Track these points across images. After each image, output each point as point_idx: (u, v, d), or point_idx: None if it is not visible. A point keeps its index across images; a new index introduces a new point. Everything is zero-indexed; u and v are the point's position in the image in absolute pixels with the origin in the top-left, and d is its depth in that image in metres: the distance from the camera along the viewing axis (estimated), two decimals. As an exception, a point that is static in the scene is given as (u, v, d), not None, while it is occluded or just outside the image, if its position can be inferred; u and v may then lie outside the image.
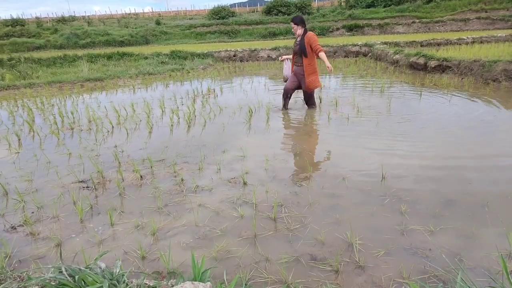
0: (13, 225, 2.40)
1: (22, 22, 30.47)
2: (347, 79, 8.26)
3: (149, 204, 2.65)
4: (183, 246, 2.12)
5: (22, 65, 12.00)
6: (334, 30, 25.26)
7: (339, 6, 30.58)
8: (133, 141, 4.21)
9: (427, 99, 5.71)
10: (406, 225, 2.21)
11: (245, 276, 1.81)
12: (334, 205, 2.52)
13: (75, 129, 4.83)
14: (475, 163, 3.12)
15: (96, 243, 2.17)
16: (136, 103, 6.10)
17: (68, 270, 1.37)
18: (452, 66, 7.89)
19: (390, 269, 1.83)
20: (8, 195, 2.87)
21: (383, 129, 4.22)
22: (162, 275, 1.81)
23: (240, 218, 2.39)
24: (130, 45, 24.20)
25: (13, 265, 1.97)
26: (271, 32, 25.87)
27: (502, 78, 6.53)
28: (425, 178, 2.86)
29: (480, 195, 2.54)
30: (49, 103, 6.67)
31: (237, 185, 2.90)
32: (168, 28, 28.40)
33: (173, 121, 5.01)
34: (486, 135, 3.88)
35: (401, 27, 24.43)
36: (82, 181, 3.09)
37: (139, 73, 10.10)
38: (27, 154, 3.88)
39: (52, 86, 8.80)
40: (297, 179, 2.96)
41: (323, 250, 2.01)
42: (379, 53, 11.62)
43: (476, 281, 1.60)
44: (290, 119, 4.95)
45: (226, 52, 14.02)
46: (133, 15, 38.04)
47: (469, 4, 25.82)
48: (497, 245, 1.93)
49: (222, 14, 31.34)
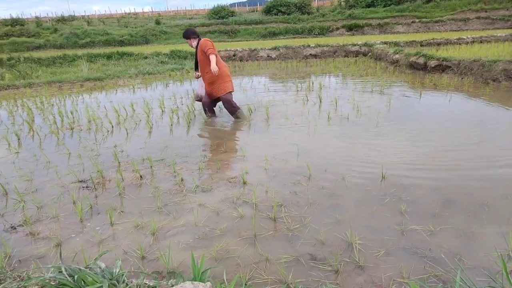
0: (13, 225, 2.40)
1: (22, 22, 30.42)
2: (347, 79, 8.26)
3: (148, 204, 2.65)
4: (183, 246, 2.11)
5: (21, 64, 12.00)
6: (334, 30, 25.25)
7: (339, 5, 30.55)
8: (133, 141, 4.20)
9: (427, 99, 5.71)
10: (406, 225, 2.21)
11: (245, 276, 1.81)
12: (334, 205, 2.52)
13: (75, 129, 4.82)
14: (475, 163, 3.12)
15: (96, 243, 2.17)
16: (135, 102, 6.10)
17: (68, 270, 1.37)
18: (452, 66, 7.89)
19: (390, 269, 1.83)
20: (8, 195, 2.87)
21: (383, 129, 4.21)
22: (162, 275, 1.81)
23: (240, 218, 2.39)
24: (130, 44, 24.18)
25: (13, 265, 1.97)
26: (271, 31, 25.85)
27: (502, 77, 6.53)
28: (425, 178, 2.86)
29: (480, 195, 2.54)
30: (49, 103, 6.66)
31: (237, 185, 2.90)
32: (168, 27, 28.37)
33: (173, 121, 5.01)
34: (486, 134, 3.88)
35: (401, 26, 24.43)
36: (81, 181, 3.09)
37: (138, 73, 10.10)
38: (26, 154, 3.88)
39: (51, 86, 8.79)
40: (297, 179, 2.96)
41: (323, 250, 2.01)
42: (379, 53, 11.62)
43: (476, 281, 1.60)
44: (290, 119, 4.95)
45: (225, 51, 14.00)
46: (133, 15, 37.99)
47: (469, 4, 25.83)
48: (497, 245, 1.93)
49: (222, 13, 31.30)
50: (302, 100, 5.92)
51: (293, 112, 5.26)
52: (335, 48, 13.67)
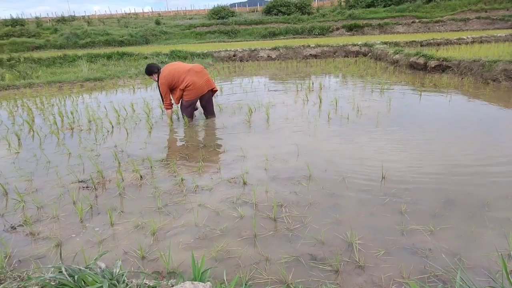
0: (13, 225, 2.40)
1: (22, 22, 30.43)
2: (347, 79, 8.26)
3: (149, 204, 2.65)
4: (183, 246, 2.11)
5: (21, 65, 11.99)
6: (334, 30, 25.25)
7: (339, 6, 30.55)
8: (133, 141, 4.20)
9: (427, 99, 5.71)
10: (406, 225, 2.21)
11: (245, 276, 1.81)
12: (334, 205, 2.52)
13: (75, 129, 4.82)
14: (475, 162, 3.12)
15: (96, 243, 2.17)
16: (136, 103, 6.10)
17: (68, 270, 1.37)
18: (452, 66, 7.89)
19: (390, 269, 1.83)
20: (8, 195, 2.87)
21: (383, 129, 4.21)
22: (162, 275, 1.81)
23: (240, 218, 2.39)
24: (130, 45, 24.18)
25: (13, 265, 1.97)
26: (271, 32, 25.84)
27: (502, 78, 6.53)
28: (425, 178, 2.86)
29: (480, 195, 2.54)
30: (49, 103, 6.67)
31: (237, 185, 2.90)
32: (168, 28, 28.38)
33: (172, 121, 5.01)
34: (486, 134, 3.88)
35: (401, 27, 24.42)
36: (82, 181, 3.09)
37: (139, 73, 10.09)
38: (27, 154, 3.88)
39: (51, 86, 8.80)
40: (297, 179, 2.96)
41: (323, 250, 2.01)
42: (379, 53, 11.62)
43: (476, 281, 1.60)
44: (290, 119, 4.95)
45: (226, 52, 14.00)
46: (133, 15, 38.01)
47: (469, 4, 25.83)
48: (497, 245, 1.93)
49: (222, 14, 31.31)
50: (302, 100, 5.92)
51: (293, 112, 5.26)
52: (335, 48, 13.67)
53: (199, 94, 4.81)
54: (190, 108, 4.94)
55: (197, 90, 4.74)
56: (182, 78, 4.65)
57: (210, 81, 4.93)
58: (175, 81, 4.66)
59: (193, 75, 4.70)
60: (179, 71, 4.67)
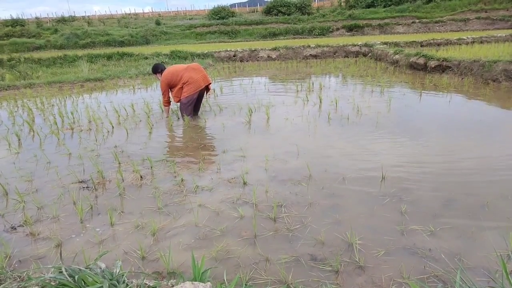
0: (13, 225, 2.40)
1: (22, 22, 30.48)
2: (347, 79, 8.26)
3: (149, 204, 2.65)
4: (183, 246, 2.12)
5: (22, 65, 12.01)
6: (334, 30, 25.29)
7: (339, 6, 30.59)
8: (133, 141, 4.21)
9: (427, 99, 5.71)
10: (406, 225, 2.21)
11: (245, 276, 1.81)
12: (334, 205, 2.52)
13: (75, 129, 4.83)
14: (475, 163, 3.12)
15: (96, 243, 2.17)
16: (136, 103, 6.10)
17: (68, 270, 1.37)
18: (452, 66, 7.89)
19: (390, 269, 1.83)
20: (8, 195, 2.87)
21: (383, 129, 4.22)
22: (162, 275, 1.81)
23: (240, 218, 2.39)
24: (130, 45, 24.22)
25: (13, 265, 1.97)
26: (271, 32, 25.87)
27: (502, 78, 6.53)
28: (425, 178, 2.86)
29: (480, 195, 2.54)
30: (49, 103, 6.67)
31: (237, 185, 2.90)
32: (168, 28, 28.42)
33: (172, 121, 5.01)
34: (486, 135, 3.88)
35: (401, 27, 24.45)
36: (82, 181, 3.09)
37: (139, 73, 10.10)
38: (27, 154, 3.88)
39: (52, 86, 8.80)
40: (297, 179, 2.96)
41: (323, 250, 2.01)
42: (379, 53, 11.62)
43: (475, 281, 1.60)
44: (290, 119, 4.95)
45: (226, 52, 14.01)
46: (133, 15, 38.05)
47: (469, 4, 25.86)
48: (497, 245, 1.93)
49: (222, 14, 31.35)
50: (302, 101, 5.92)
51: (293, 112, 5.26)
52: (335, 49, 13.68)
53: (197, 89, 5.05)
54: (190, 106, 5.10)
55: (195, 84, 5.02)
56: (180, 75, 4.99)
57: (207, 77, 5.21)
58: (174, 79, 5.00)
59: (190, 71, 5.05)
60: (177, 70, 5.04)
